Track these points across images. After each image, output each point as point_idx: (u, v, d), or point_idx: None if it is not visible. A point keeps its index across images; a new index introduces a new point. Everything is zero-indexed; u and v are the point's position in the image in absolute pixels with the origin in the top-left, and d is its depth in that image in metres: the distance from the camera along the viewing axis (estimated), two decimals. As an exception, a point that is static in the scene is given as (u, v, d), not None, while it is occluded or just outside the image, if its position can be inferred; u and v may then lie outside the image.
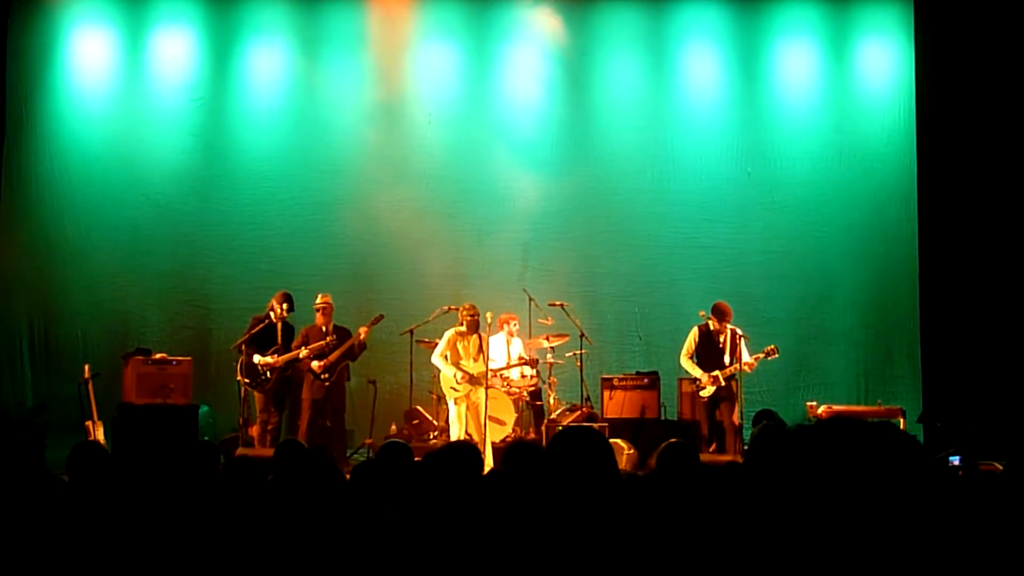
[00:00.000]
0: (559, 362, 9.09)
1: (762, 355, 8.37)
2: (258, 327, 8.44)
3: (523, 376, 8.75)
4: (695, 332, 8.56)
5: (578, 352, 8.92)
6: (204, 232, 10.06)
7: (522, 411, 8.89)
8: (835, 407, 8.86)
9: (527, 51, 10.39)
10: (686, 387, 8.94)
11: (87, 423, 8.22)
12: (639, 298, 10.24)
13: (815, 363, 10.12)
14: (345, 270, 10.10)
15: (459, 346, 8.30)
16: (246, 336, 8.40)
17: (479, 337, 8.32)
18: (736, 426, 8.27)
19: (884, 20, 10.42)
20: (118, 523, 3.37)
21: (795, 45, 10.48)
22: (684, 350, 8.57)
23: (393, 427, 9.20)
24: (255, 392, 8.41)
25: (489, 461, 7.56)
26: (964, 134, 9.85)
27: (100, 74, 10.14)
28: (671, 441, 3.86)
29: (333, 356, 8.40)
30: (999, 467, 6.44)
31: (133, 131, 10.05)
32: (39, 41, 10.07)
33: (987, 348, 9.53)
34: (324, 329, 8.53)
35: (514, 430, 8.58)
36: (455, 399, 8.23)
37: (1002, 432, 8.59)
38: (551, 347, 9.01)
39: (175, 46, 10.19)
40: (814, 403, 9.01)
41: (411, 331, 8.91)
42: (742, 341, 8.41)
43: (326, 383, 8.37)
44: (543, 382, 9.03)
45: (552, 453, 2.72)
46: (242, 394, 8.42)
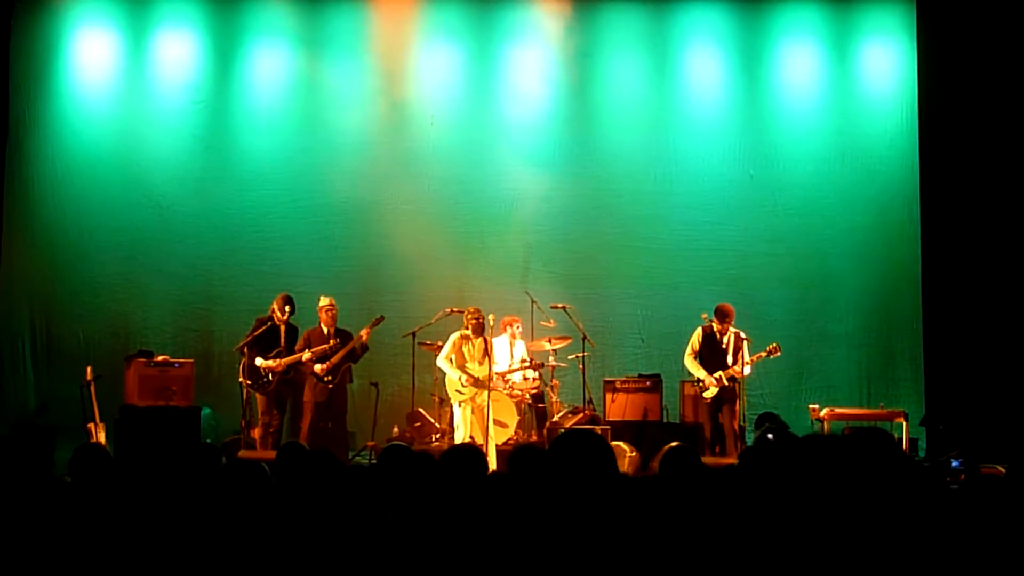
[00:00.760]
0: (561, 364, 9.09)
1: (764, 353, 8.38)
2: (260, 329, 8.45)
3: (525, 379, 8.77)
4: (698, 333, 8.57)
5: (580, 354, 8.92)
6: (206, 234, 10.07)
7: (524, 413, 8.89)
8: (837, 410, 8.86)
9: (530, 52, 10.40)
10: (688, 390, 8.94)
11: (89, 425, 8.23)
12: (641, 300, 10.24)
13: (817, 366, 10.12)
14: (347, 272, 10.10)
15: (464, 349, 8.33)
16: (248, 338, 8.41)
17: (484, 340, 8.34)
18: (738, 430, 8.27)
19: (887, 22, 10.42)
20: (121, 525, 3.38)
21: (798, 47, 10.49)
22: (687, 351, 8.59)
23: (395, 429, 9.20)
24: (257, 394, 8.42)
25: (493, 464, 7.57)
26: (967, 137, 9.85)
27: (103, 75, 10.16)
28: (673, 444, 3.87)
29: (335, 358, 8.41)
30: (1001, 470, 6.44)
31: (136, 132, 10.07)
32: (42, 42, 10.09)
33: (990, 351, 9.53)
34: (326, 332, 8.54)
35: (516, 432, 8.58)
36: (460, 402, 8.25)
37: (1004, 435, 8.59)
38: (553, 349, 9.01)
39: (178, 47, 10.21)
40: (816, 406, 9.01)
41: (413, 333, 8.92)
42: (744, 344, 8.41)
43: (328, 385, 8.38)
44: (545, 384, 9.04)
45: (553, 456, 2.72)
46: (244, 396, 8.42)
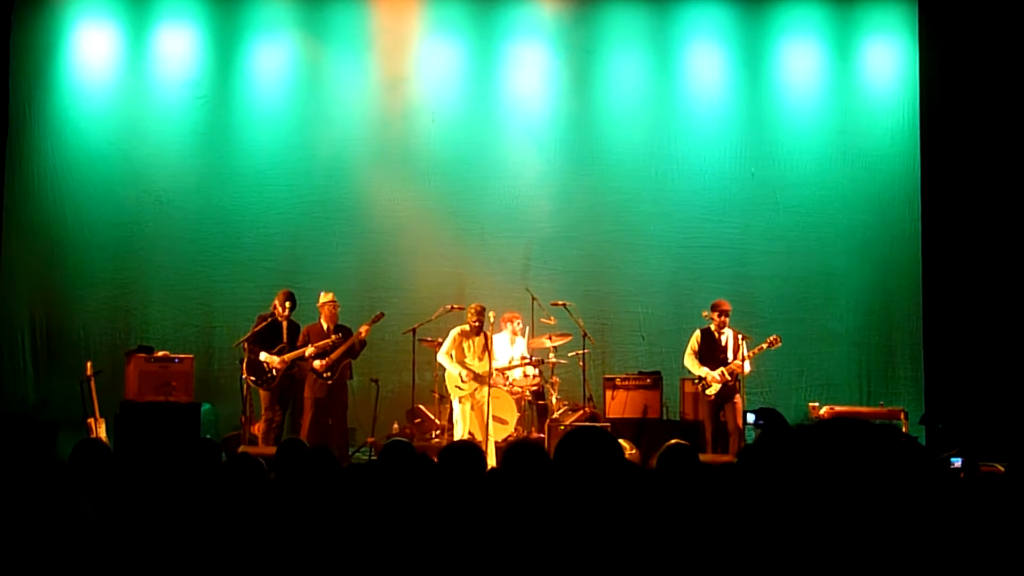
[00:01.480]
0: (562, 362, 9.10)
1: (764, 345, 8.39)
2: (262, 325, 8.45)
3: (525, 375, 8.77)
4: (697, 335, 8.60)
5: (581, 352, 8.93)
6: (207, 230, 10.08)
7: (524, 410, 8.91)
8: (837, 408, 8.87)
9: (532, 49, 10.41)
10: (689, 387, 8.95)
11: (89, 420, 8.24)
12: (642, 298, 10.25)
13: (817, 364, 10.12)
14: (347, 268, 10.11)
15: (464, 345, 8.38)
16: (250, 334, 8.42)
17: (485, 336, 8.36)
18: (740, 428, 8.28)
19: (889, 20, 10.41)
20: (121, 521, 3.39)
21: (799, 45, 10.48)
22: (687, 350, 8.60)
23: (395, 426, 9.21)
24: (260, 390, 8.43)
25: (492, 460, 7.59)
26: (969, 135, 9.84)
27: (103, 70, 10.16)
28: (672, 442, 3.88)
29: (335, 355, 8.42)
30: (1001, 468, 6.45)
31: (136, 128, 10.08)
32: (42, 37, 10.09)
33: (990, 349, 9.53)
34: (326, 328, 8.54)
35: (516, 429, 8.60)
36: (459, 398, 8.29)
37: (1004, 433, 8.59)
38: (554, 347, 9.02)
39: (179, 43, 10.21)
40: (816, 404, 9.02)
41: (413, 330, 8.93)
42: (744, 342, 8.42)
43: (328, 382, 8.39)
44: (545, 381, 9.05)
45: (561, 455, 2.71)
46: (244, 392, 8.43)
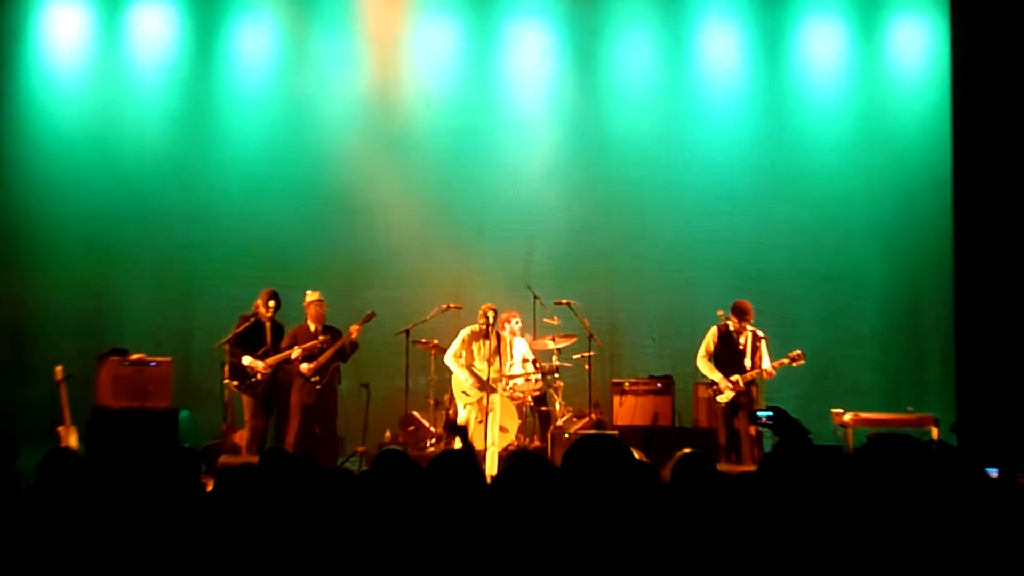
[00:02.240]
0: (566, 365, 9.10)
1: (786, 361, 8.34)
2: (244, 326, 8.44)
3: (527, 379, 8.77)
4: (713, 332, 8.55)
5: (586, 354, 8.92)
6: (186, 223, 10.06)
7: (525, 417, 8.91)
8: (863, 415, 8.86)
9: (533, 29, 10.40)
10: (702, 392, 8.94)
11: (59, 428, 8.23)
12: (653, 296, 10.24)
13: (842, 367, 10.12)
14: (336, 265, 10.11)
15: (474, 347, 8.37)
16: (232, 335, 8.41)
17: (497, 337, 8.33)
18: (755, 435, 8.27)
19: (918, -3, 10.43)
20: (92, 535, 3.39)
21: (822, 23, 10.46)
22: (701, 351, 8.57)
23: (387, 434, 9.21)
24: (244, 396, 8.42)
25: (494, 470, 7.58)
26: (1004, 119, 9.79)
27: (74, 52, 10.11)
28: (686, 451, 3.87)
29: (323, 358, 8.41)
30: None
31: (109, 114, 10.04)
32: (10, 17, 10.05)
33: (1027, 352, 9.52)
34: (314, 329, 8.53)
35: (517, 438, 8.59)
36: (465, 404, 8.29)
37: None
38: (557, 349, 9.01)
39: (155, 23, 10.17)
40: (840, 410, 9.01)
41: (407, 331, 8.92)
42: (763, 343, 8.41)
43: (316, 387, 8.38)
44: (548, 386, 9.05)
45: (570, 465, 2.70)
46: (226, 398, 8.42)
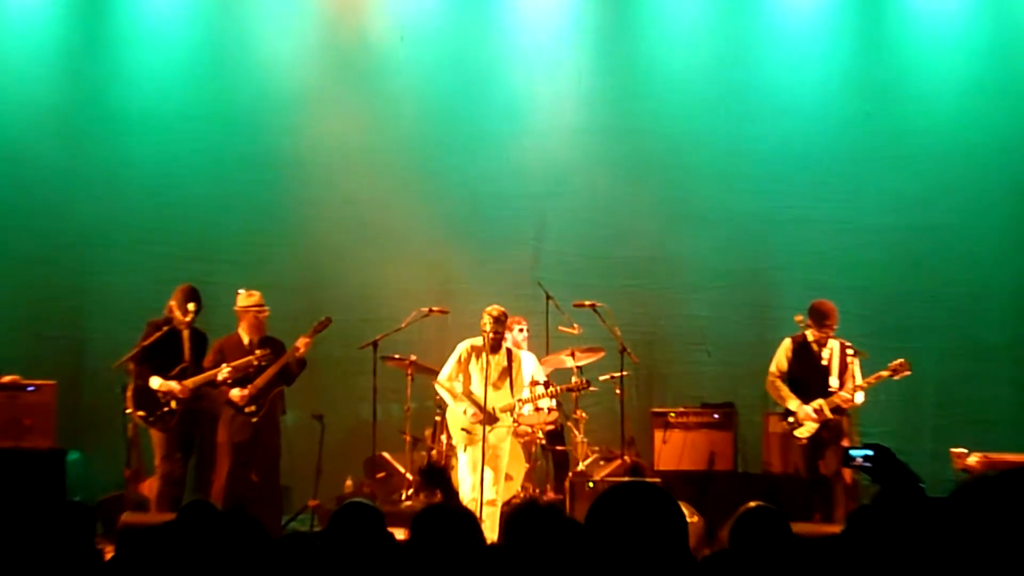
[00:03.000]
0: (591, 389, 9.08)
1: (886, 373, 8.32)
2: (155, 337, 8.44)
3: (537, 409, 8.75)
4: (787, 345, 8.54)
5: (617, 374, 8.91)
6: (77, 199, 10.08)
7: (535, 460, 8.89)
8: (993, 456, 8.82)
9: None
10: (775, 426, 8.93)
11: None
12: (707, 296, 10.24)
13: (965, 391, 10.12)
14: (280, 256, 10.14)
15: (474, 367, 8.20)
16: (138, 349, 8.40)
17: (508, 355, 8.22)
18: (849, 483, 8.26)
19: None
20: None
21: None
22: (773, 369, 8.56)
23: (349, 482, 9.20)
24: (154, 431, 8.41)
25: (493, 533, 7.55)
26: None
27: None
28: (752, 506, 3.87)
29: (261, 380, 8.41)
30: None
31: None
32: None
33: None
34: (248, 341, 8.54)
35: (524, 487, 8.58)
36: (466, 446, 8.10)
37: None
38: (577, 366, 9.01)
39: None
40: (963, 450, 8.98)
41: (375, 343, 8.91)
42: (856, 360, 8.38)
43: (252, 419, 8.38)
44: (566, 417, 9.03)
45: (594, 525, 2.68)
46: (130, 434, 8.42)
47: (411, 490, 8.88)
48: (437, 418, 8.91)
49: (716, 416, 9.11)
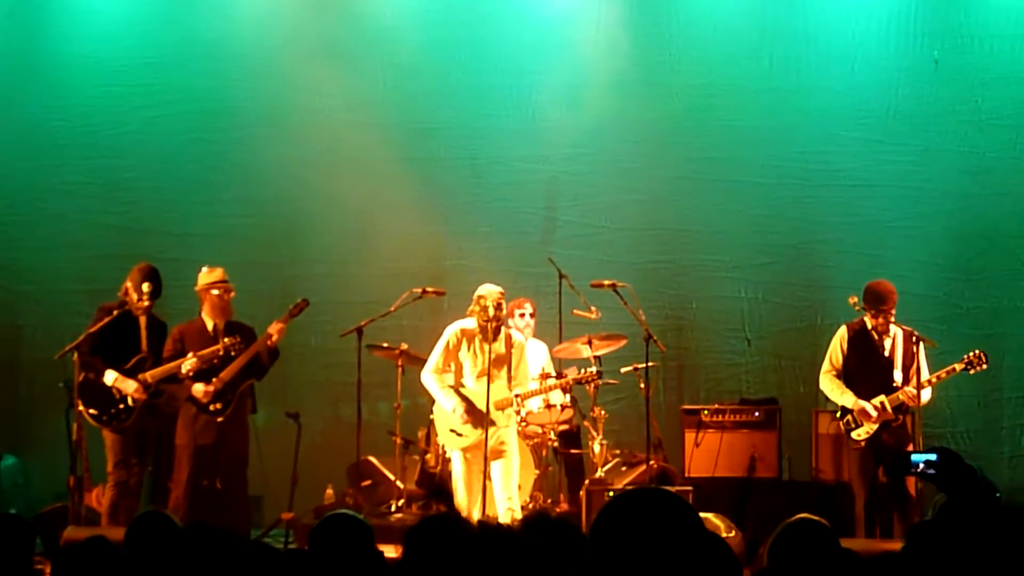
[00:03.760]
0: (610, 382, 9.11)
1: (959, 366, 8.31)
2: (105, 322, 8.46)
3: (549, 405, 8.77)
4: (843, 334, 8.52)
5: (642, 365, 8.93)
6: (7, 160, 10.13)
7: (547, 465, 8.93)
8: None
9: None
10: (828, 426, 8.94)
11: None
12: (747, 274, 10.25)
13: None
14: (248, 226, 10.19)
15: (466, 355, 8.16)
16: (86, 337, 8.42)
17: (507, 340, 8.23)
18: (914, 494, 8.28)
19: None
20: None
21: None
22: (827, 365, 8.54)
23: (330, 491, 9.23)
24: (106, 432, 8.44)
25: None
26: None
27: None
28: (798, 518, 3.88)
29: (227, 373, 8.43)
30: None
31: None
32: None
33: None
34: (213, 327, 8.56)
35: (534, 497, 8.61)
36: (460, 449, 8.12)
37: None
38: (595, 357, 9.02)
39: None
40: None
41: (359, 330, 8.94)
42: (921, 347, 8.38)
43: (217, 418, 8.41)
44: (582, 416, 9.06)
45: (600, 536, 2.71)
46: (76, 434, 8.44)
47: (402, 500, 8.92)
48: (432, 416, 8.94)
49: (757, 414, 9.11)
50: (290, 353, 8.96)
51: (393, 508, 8.91)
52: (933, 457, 5.80)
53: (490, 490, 8.02)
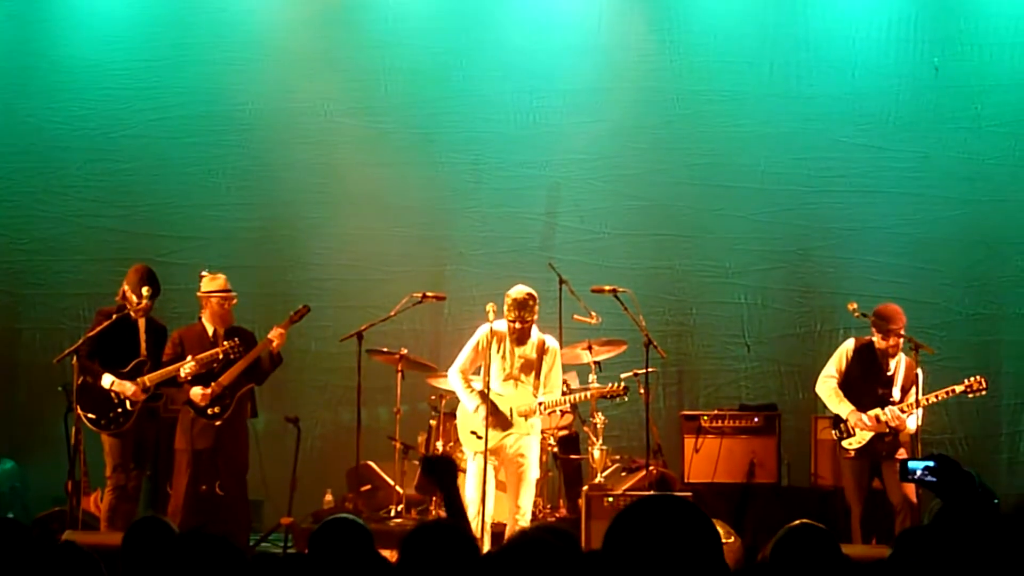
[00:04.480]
0: (625, 397, 9.10)
1: (959, 388, 8.27)
2: (104, 326, 8.46)
3: (548, 412, 8.76)
4: (848, 348, 8.41)
5: (642, 371, 8.92)
6: (7, 163, 10.14)
7: (546, 470, 8.92)
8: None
9: None
10: (826, 432, 8.93)
11: None
12: (747, 281, 10.25)
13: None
14: (249, 231, 10.19)
15: (496, 355, 8.00)
16: (85, 340, 8.42)
17: (539, 347, 8.04)
18: (911, 503, 8.27)
19: None
20: None
21: None
22: (831, 370, 8.45)
23: (329, 496, 9.26)
24: (104, 436, 8.44)
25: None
26: None
27: None
28: (797, 524, 3.88)
29: (227, 377, 8.42)
30: None
31: None
32: None
33: None
34: (213, 332, 8.56)
35: (533, 502, 8.60)
36: (476, 452, 8.01)
37: None
38: (596, 362, 9.02)
39: None
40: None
41: (359, 334, 8.93)
42: (920, 378, 8.27)
43: (216, 423, 8.41)
44: (582, 421, 9.05)
45: (613, 549, 2.69)
46: (75, 438, 8.43)
47: (401, 505, 8.92)
48: (432, 422, 8.93)
49: (757, 420, 9.11)
50: (290, 357, 8.95)
51: (392, 513, 8.91)
52: (931, 464, 5.79)
53: (500, 496, 7.99)
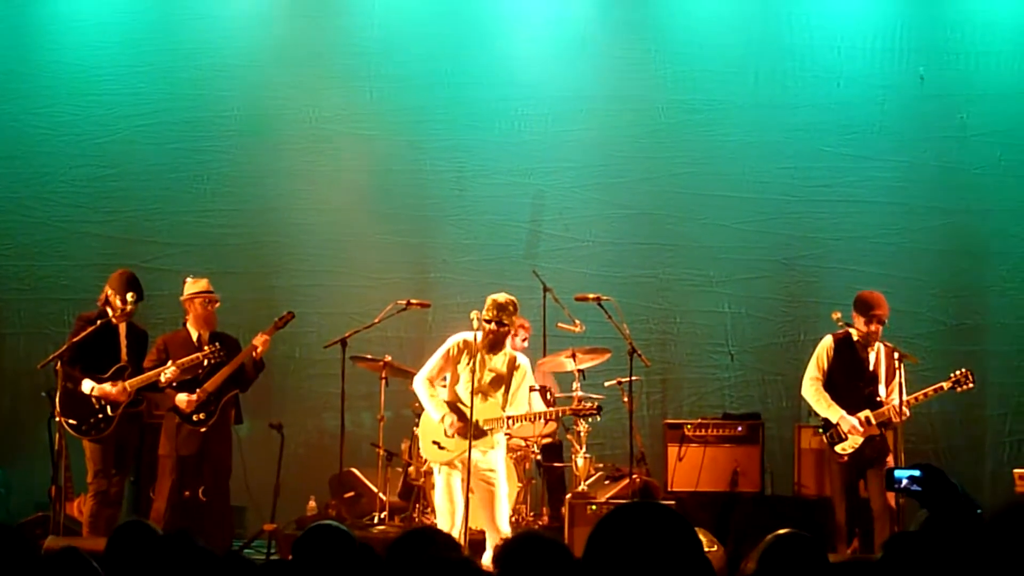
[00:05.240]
0: (594, 396, 9.10)
1: (945, 385, 8.29)
2: (86, 331, 8.45)
3: (531, 419, 8.75)
4: (828, 344, 8.49)
5: (625, 380, 8.93)
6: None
7: (531, 479, 8.92)
8: (1064, 478, 8.86)
9: None
10: (809, 440, 8.95)
11: None
12: (731, 290, 10.26)
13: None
14: (232, 236, 10.19)
15: (463, 367, 7.77)
16: (67, 347, 8.40)
17: (511, 362, 7.76)
18: (891, 509, 8.28)
19: None
20: None
21: None
22: (813, 372, 8.49)
23: (312, 503, 9.23)
24: (85, 442, 8.42)
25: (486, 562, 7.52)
26: None
27: None
28: (782, 533, 3.89)
29: (211, 383, 8.42)
30: None
31: None
32: None
33: None
34: (197, 337, 8.55)
35: (515, 511, 8.59)
36: (440, 464, 7.84)
37: None
38: (579, 370, 9.02)
39: None
40: (1028, 472, 9.01)
41: (343, 341, 8.93)
42: (901, 365, 8.33)
43: (200, 428, 8.39)
44: (565, 429, 9.05)
45: (594, 557, 2.70)
46: (57, 444, 8.41)
47: (384, 512, 8.91)
48: (415, 429, 8.92)
49: (740, 429, 9.11)
50: (274, 364, 8.96)
51: (375, 520, 8.90)
52: (917, 473, 5.81)
53: (451, 504, 7.68)
